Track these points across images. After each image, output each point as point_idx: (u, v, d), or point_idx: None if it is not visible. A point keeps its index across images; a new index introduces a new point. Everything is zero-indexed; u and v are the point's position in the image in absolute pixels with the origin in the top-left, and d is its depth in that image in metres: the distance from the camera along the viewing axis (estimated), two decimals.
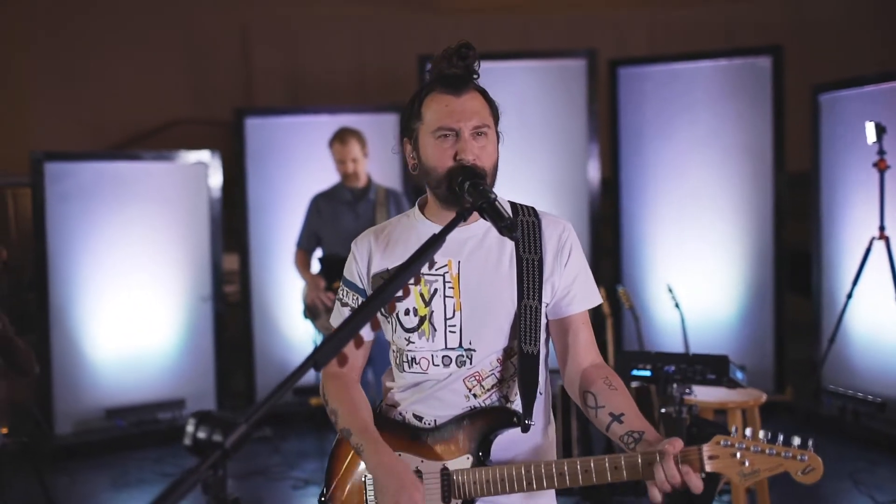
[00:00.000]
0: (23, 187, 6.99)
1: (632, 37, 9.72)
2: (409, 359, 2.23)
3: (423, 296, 2.20)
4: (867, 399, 6.01)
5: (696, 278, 6.77)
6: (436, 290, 2.20)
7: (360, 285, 2.28)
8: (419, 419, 2.22)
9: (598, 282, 6.44)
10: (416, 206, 2.32)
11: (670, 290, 5.67)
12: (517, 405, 2.17)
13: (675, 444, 1.93)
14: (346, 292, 2.31)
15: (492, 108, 2.23)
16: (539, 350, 2.18)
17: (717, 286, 6.81)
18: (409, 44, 8.53)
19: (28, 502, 5.21)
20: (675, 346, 6.06)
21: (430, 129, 2.15)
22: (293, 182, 6.93)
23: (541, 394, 2.24)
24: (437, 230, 2.14)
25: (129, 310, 6.54)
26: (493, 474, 2.09)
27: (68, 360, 6.38)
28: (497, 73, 6.98)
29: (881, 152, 5.54)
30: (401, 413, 2.26)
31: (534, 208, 2.32)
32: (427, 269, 2.20)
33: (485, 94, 2.23)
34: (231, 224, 7.24)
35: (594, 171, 6.94)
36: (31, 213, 6.40)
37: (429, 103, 2.16)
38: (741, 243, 6.80)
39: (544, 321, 2.24)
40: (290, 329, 6.93)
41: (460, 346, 2.18)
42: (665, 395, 3.58)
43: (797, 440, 1.87)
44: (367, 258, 2.29)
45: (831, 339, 5.78)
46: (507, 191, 7.11)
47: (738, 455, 1.89)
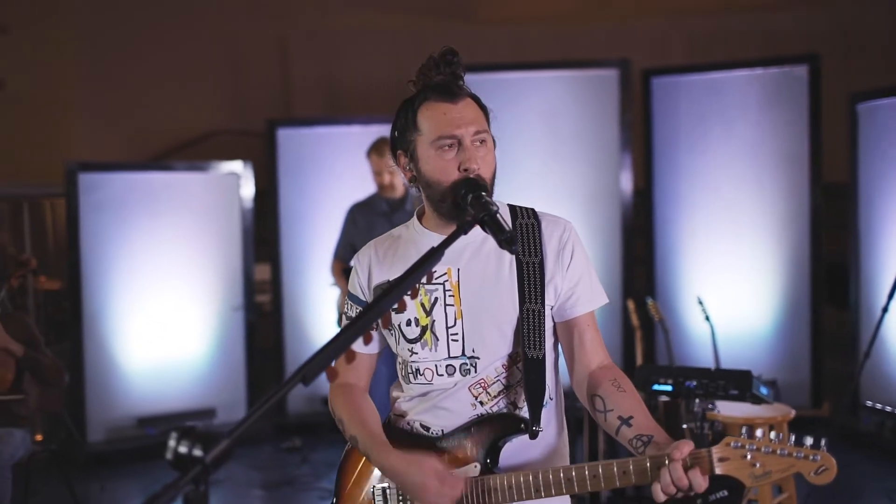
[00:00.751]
0: (60, 197, 7.08)
1: (671, 46, 9.62)
2: (413, 370, 2.20)
3: (423, 305, 2.17)
4: None
5: (731, 290, 6.67)
6: (436, 299, 2.17)
7: (363, 298, 2.26)
8: (426, 429, 2.19)
9: (630, 293, 6.40)
10: (414, 217, 2.29)
11: (700, 303, 5.59)
12: (525, 411, 2.14)
13: (684, 448, 1.88)
14: (351, 306, 2.29)
15: (486, 114, 2.19)
16: (544, 354, 2.14)
17: (752, 299, 6.69)
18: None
19: None
20: (708, 360, 5.96)
21: (429, 140, 2.11)
22: (326, 192, 6.95)
23: (551, 399, 2.21)
24: (437, 241, 2.12)
25: (161, 319, 6.59)
26: (500, 482, 2.06)
27: (101, 369, 6.45)
28: (528, 84, 6.96)
29: None
30: (409, 423, 2.23)
31: (533, 209, 2.27)
32: (426, 278, 2.17)
33: (477, 99, 2.19)
34: (263, 234, 7.27)
35: (627, 182, 6.87)
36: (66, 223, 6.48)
37: (424, 112, 2.12)
38: (777, 255, 6.68)
39: (550, 324, 2.20)
40: (322, 338, 6.93)
41: (463, 354, 2.15)
42: (687, 410, 3.51)
43: (809, 440, 1.82)
44: (368, 270, 2.27)
45: (866, 353, 5.64)
46: (539, 200, 7.04)
47: (749, 456, 1.84)
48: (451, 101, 2.11)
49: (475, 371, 2.15)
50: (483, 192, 2.04)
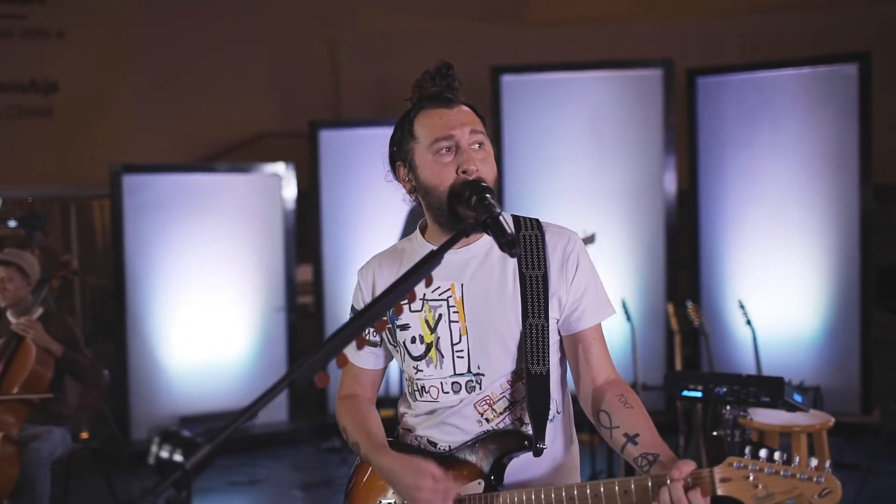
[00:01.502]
0: (107, 199, 7.19)
1: (723, 46, 9.46)
2: (419, 387, 2.17)
3: (427, 322, 2.14)
4: None
5: (778, 294, 6.53)
6: (440, 316, 2.13)
7: None
8: (433, 445, 2.16)
9: (674, 295, 6.29)
10: (417, 231, 2.26)
11: (742, 307, 5.47)
12: (530, 428, 2.09)
13: (684, 468, 1.82)
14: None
15: (484, 122, 2.13)
16: (548, 370, 2.09)
17: (799, 302, 6.55)
18: (495, 56, 8.48)
19: None
20: (752, 365, 5.86)
21: (425, 145, 2.06)
22: (368, 194, 6.96)
23: (559, 413, 2.16)
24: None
25: (203, 319, 6.66)
26: (503, 499, 2.02)
27: (145, 368, 6.53)
28: (572, 84, 6.90)
29: None
30: (416, 438, 2.20)
31: (537, 220, 2.22)
32: (430, 293, 2.13)
33: (474, 107, 2.13)
34: (305, 235, 7.30)
35: (670, 183, 6.77)
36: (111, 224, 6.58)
37: (420, 120, 2.08)
38: (825, 257, 6.53)
39: (556, 338, 2.15)
40: None
41: (469, 371, 2.11)
42: (718, 417, 3.43)
43: (814, 462, 1.75)
44: (372, 285, 2.24)
45: None
46: (582, 201, 6.95)
47: (752, 477, 1.78)
48: (447, 107, 2.07)
49: (480, 388, 2.11)
50: (488, 195, 1.99)
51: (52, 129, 9.22)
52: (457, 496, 2.02)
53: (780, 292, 6.55)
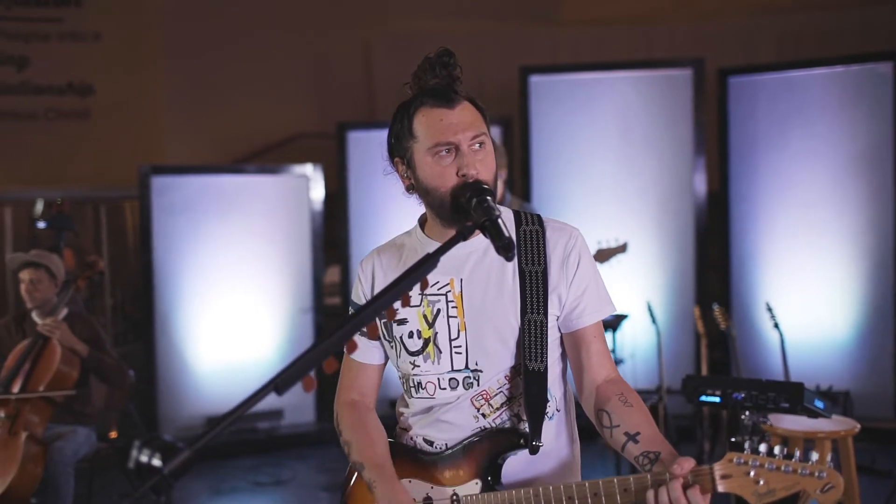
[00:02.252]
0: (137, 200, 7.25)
1: (758, 45, 9.33)
2: (415, 383, 2.15)
3: (426, 317, 2.12)
4: None
5: (810, 297, 6.42)
6: (439, 311, 2.11)
7: None
8: (430, 443, 2.15)
9: (704, 298, 6.20)
10: (416, 225, 2.24)
11: (769, 310, 5.38)
12: (528, 426, 2.07)
13: (684, 465, 1.80)
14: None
15: (484, 116, 2.10)
16: (546, 367, 2.07)
17: (831, 305, 6.42)
18: (529, 57, 8.45)
19: None
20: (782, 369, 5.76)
21: (425, 147, 2.04)
22: (396, 195, 6.86)
23: (558, 411, 2.15)
24: (434, 244, 2.08)
25: (231, 320, 6.69)
26: (500, 499, 2.01)
27: (172, 368, 6.58)
28: (601, 84, 6.84)
29: None
30: (412, 437, 2.19)
31: (539, 216, 2.19)
32: (429, 288, 2.11)
33: (475, 101, 2.10)
34: (333, 237, 7.31)
35: (701, 184, 6.69)
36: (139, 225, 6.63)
37: (420, 118, 2.05)
38: (859, 260, 6.40)
39: (556, 335, 2.13)
40: None
41: (466, 367, 2.10)
42: (736, 422, 3.37)
43: (815, 456, 1.73)
44: (371, 279, 2.23)
45: None
46: (611, 202, 6.86)
47: (753, 473, 1.75)
48: (448, 107, 2.04)
49: (478, 384, 2.09)
50: (488, 197, 1.97)
51: (88, 131, 9.33)
52: None
53: (811, 295, 6.43)
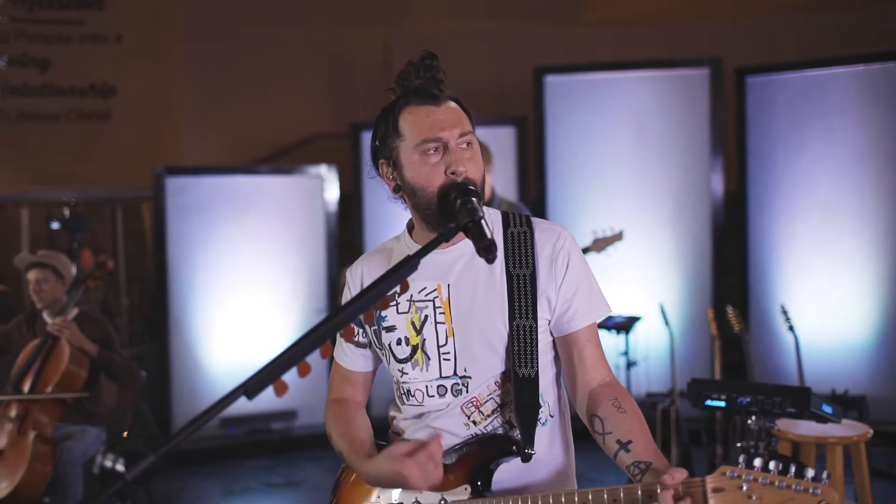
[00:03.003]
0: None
1: (780, 44, 9.23)
2: (405, 391, 2.12)
3: (413, 323, 2.08)
4: None
5: (828, 299, 6.33)
6: (426, 317, 2.07)
7: None
8: None
9: (720, 299, 6.13)
10: (405, 230, 2.21)
11: (784, 312, 5.31)
12: (519, 432, 2.02)
13: (676, 476, 1.75)
14: None
15: (470, 117, 2.06)
16: (537, 373, 2.02)
17: (850, 308, 6.33)
18: (549, 56, 8.40)
19: None
20: (809, 373, 5.68)
21: (412, 144, 2.00)
22: None
23: (552, 416, 2.10)
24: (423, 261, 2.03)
25: (245, 321, 6.69)
26: None
27: (186, 368, 6.59)
28: (617, 84, 6.79)
29: None
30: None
31: (528, 217, 2.13)
32: (417, 294, 2.08)
33: (460, 102, 2.06)
34: (347, 237, 7.30)
35: (718, 184, 6.61)
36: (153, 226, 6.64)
37: (406, 116, 2.01)
38: (879, 262, 6.30)
39: (547, 339, 2.08)
40: None
41: (455, 373, 2.06)
42: (726, 427, 3.32)
43: (811, 472, 1.67)
44: (360, 286, 2.20)
45: None
46: (627, 202, 6.81)
47: (745, 488, 1.70)
48: (434, 104, 2.00)
49: (467, 391, 2.05)
50: (473, 198, 1.93)
51: (109, 132, 9.39)
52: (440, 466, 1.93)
53: (830, 297, 6.34)
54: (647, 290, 6.46)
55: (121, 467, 1.50)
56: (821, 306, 6.25)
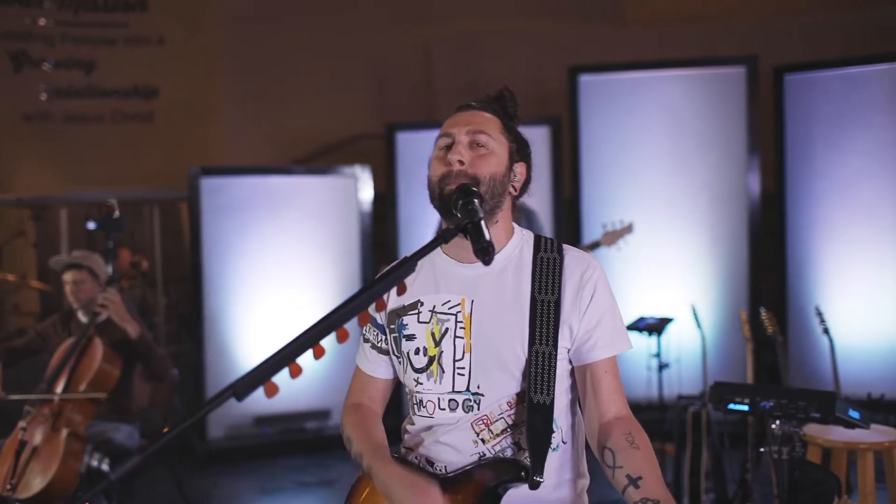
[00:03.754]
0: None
1: (823, 42, 9.07)
2: (417, 400, 2.14)
3: (433, 335, 2.10)
4: None
5: (869, 301, 6.21)
6: (447, 330, 2.08)
7: (379, 320, 2.21)
8: (431, 465, 2.12)
9: (757, 302, 6.04)
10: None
11: (819, 314, 5.21)
12: (528, 457, 2.01)
13: None
14: (368, 328, 2.25)
15: (507, 128, 2.14)
16: (552, 400, 2.01)
17: (890, 311, 6.20)
18: (590, 56, 8.34)
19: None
20: (849, 377, 5.58)
21: (436, 145, 2.12)
22: None
23: (564, 442, 2.09)
24: (450, 264, 2.06)
25: (279, 320, 6.73)
26: None
27: (221, 367, 6.64)
28: (652, 84, 6.72)
29: None
30: (416, 457, 2.16)
31: (560, 244, 2.15)
32: (440, 306, 2.10)
33: (504, 119, 2.15)
34: (382, 237, 7.32)
35: (754, 184, 6.52)
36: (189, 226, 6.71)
37: (445, 123, 2.14)
38: None
39: (565, 367, 2.08)
40: None
41: (468, 389, 2.06)
42: (767, 432, 3.26)
43: None
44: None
45: None
46: (662, 203, 6.75)
47: None
48: (463, 111, 2.13)
49: (478, 408, 2.05)
50: (475, 199, 1.95)
51: (152, 133, 9.51)
52: None
53: (869, 300, 6.22)
54: (682, 291, 6.39)
55: (106, 467, 1.50)
56: (859, 309, 6.14)
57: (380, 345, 2.22)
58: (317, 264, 6.86)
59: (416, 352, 2.11)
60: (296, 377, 1.85)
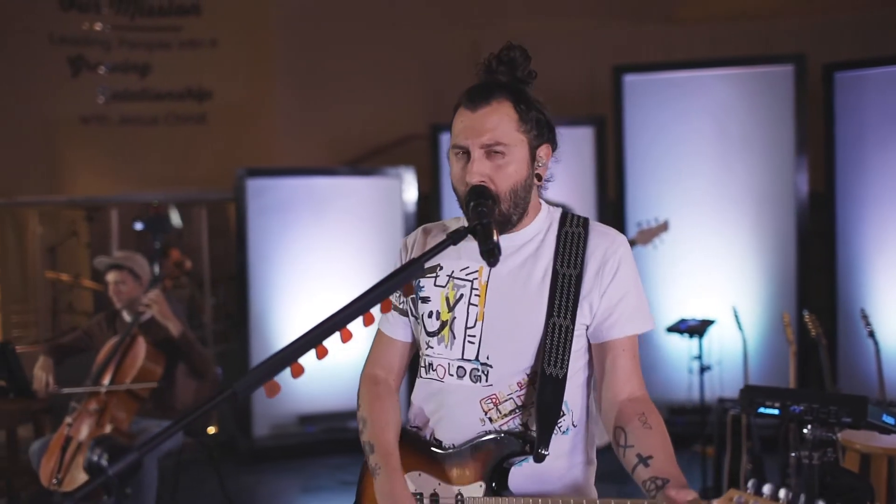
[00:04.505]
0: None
1: (881, 39, 8.88)
2: (427, 363, 2.15)
3: (448, 299, 2.10)
4: None
5: None
6: (461, 296, 2.09)
7: None
8: (439, 442, 2.12)
9: (805, 304, 5.96)
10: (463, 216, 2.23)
11: (864, 316, 5.11)
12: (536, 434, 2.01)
13: (681, 495, 1.75)
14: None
15: (523, 118, 2.03)
16: (566, 374, 2.00)
17: None
18: (641, 55, 8.28)
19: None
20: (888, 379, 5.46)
21: (451, 145, 2.09)
22: None
23: (575, 426, 2.09)
24: (471, 243, 2.00)
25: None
26: None
27: None
28: (697, 83, 6.66)
29: None
30: (423, 433, 2.17)
31: (586, 219, 2.13)
32: (458, 271, 2.11)
33: (518, 102, 2.02)
34: None
35: (803, 184, 6.41)
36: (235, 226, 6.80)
37: (455, 118, 2.08)
38: None
39: (582, 343, 2.07)
40: None
41: (476, 358, 2.06)
42: (799, 436, 3.20)
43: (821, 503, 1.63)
44: (409, 255, 2.27)
45: None
46: (708, 203, 6.67)
47: None
48: (471, 109, 2.02)
49: (486, 379, 2.05)
50: (488, 201, 1.96)
51: (205, 135, 9.65)
52: None
53: None
54: (727, 293, 6.30)
55: (105, 463, 1.53)
56: None
57: (401, 306, 2.23)
58: (361, 264, 6.90)
59: (430, 315, 2.12)
60: (297, 377, 1.88)
